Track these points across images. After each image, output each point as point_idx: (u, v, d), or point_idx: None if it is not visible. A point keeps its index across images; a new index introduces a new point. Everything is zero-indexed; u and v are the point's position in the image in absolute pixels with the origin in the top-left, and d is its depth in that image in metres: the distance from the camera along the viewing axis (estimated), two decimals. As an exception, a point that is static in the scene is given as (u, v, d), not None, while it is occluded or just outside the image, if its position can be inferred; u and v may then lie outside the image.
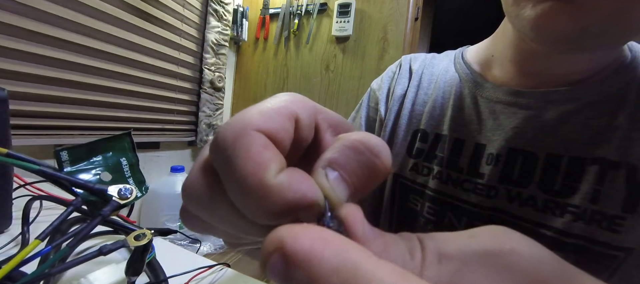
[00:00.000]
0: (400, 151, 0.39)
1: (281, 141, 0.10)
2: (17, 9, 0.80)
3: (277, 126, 0.10)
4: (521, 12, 0.26)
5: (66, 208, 0.25)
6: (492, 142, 0.32)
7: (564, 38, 0.24)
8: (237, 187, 0.10)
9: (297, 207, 0.09)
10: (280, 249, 0.07)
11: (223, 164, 0.10)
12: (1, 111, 0.33)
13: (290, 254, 0.07)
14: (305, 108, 0.12)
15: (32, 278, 0.23)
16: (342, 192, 0.10)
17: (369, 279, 0.07)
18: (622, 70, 0.29)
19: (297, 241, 0.07)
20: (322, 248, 0.07)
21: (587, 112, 0.28)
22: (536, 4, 0.24)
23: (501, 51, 0.34)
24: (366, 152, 0.10)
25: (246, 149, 0.09)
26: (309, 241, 0.07)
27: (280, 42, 1.59)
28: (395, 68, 0.45)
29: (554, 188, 0.29)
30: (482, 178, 0.32)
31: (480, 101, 0.34)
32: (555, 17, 0.23)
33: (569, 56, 0.29)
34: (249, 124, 0.10)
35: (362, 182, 0.10)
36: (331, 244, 0.07)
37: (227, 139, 0.10)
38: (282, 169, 0.10)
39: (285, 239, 0.07)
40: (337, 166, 0.10)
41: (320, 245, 0.07)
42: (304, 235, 0.07)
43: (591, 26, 0.23)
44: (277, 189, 0.09)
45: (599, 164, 0.27)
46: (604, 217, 0.26)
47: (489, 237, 0.10)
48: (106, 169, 0.34)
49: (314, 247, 0.07)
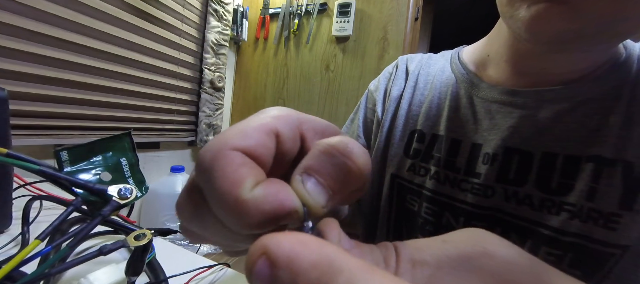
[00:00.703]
0: (398, 152, 0.39)
1: (260, 156, 0.11)
2: (17, 9, 0.80)
3: (254, 143, 0.11)
4: (516, 13, 0.26)
5: (66, 208, 0.25)
6: (488, 142, 0.33)
7: (558, 39, 0.25)
8: (217, 204, 0.10)
9: (276, 216, 0.10)
10: (264, 254, 0.08)
11: (204, 183, 0.11)
12: (1, 111, 0.33)
13: (274, 257, 0.08)
14: (287, 122, 0.12)
15: (32, 278, 0.23)
16: (319, 196, 0.11)
17: (342, 269, 0.07)
18: (617, 68, 0.29)
19: (280, 245, 0.08)
20: (302, 249, 0.08)
21: (582, 110, 0.28)
22: (531, 5, 0.24)
23: (496, 51, 0.35)
24: (338, 155, 0.11)
25: (222, 169, 0.10)
26: (289, 244, 0.08)
27: (280, 42, 1.59)
28: (391, 69, 0.45)
29: (550, 187, 0.29)
30: (479, 178, 0.32)
31: (476, 101, 0.35)
32: (550, 18, 0.23)
33: (564, 56, 0.29)
34: (225, 144, 0.10)
35: (339, 185, 0.11)
36: (310, 245, 0.08)
37: (206, 160, 0.10)
38: (259, 183, 0.10)
39: (268, 245, 0.08)
40: (313, 171, 0.11)
41: (300, 246, 0.08)
42: (285, 240, 0.08)
43: (586, 27, 0.23)
44: (253, 204, 0.10)
45: (595, 162, 0.27)
46: (601, 215, 0.26)
47: (462, 241, 0.10)
48: (106, 169, 0.34)
49: (295, 248, 0.08)
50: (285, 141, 0.12)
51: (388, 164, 0.40)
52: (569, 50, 0.27)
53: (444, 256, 0.10)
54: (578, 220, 0.27)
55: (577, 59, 0.29)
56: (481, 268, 0.10)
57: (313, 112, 1.55)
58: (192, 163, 1.58)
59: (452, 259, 0.10)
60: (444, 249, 0.10)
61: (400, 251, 0.10)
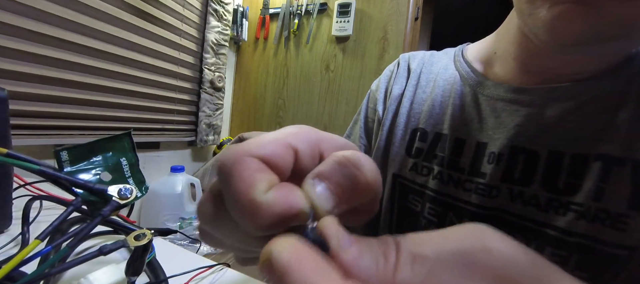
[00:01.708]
0: (399, 151, 0.39)
1: (275, 164, 0.12)
2: (17, 9, 0.80)
3: (270, 152, 0.12)
4: (536, 11, 0.25)
5: (66, 208, 0.25)
6: (493, 140, 0.32)
7: (577, 41, 0.24)
8: (233, 205, 0.11)
9: (286, 217, 0.11)
10: (268, 261, 0.09)
11: (223, 185, 0.12)
12: (1, 111, 0.33)
13: (274, 266, 0.09)
14: (306, 140, 0.13)
15: (32, 278, 0.22)
16: (326, 200, 0.12)
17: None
18: (626, 65, 0.28)
19: (280, 255, 0.09)
20: (297, 265, 0.09)
21: (589, 108, 0.28)
22: (553, 5, 0.23)
23: (505, 48, 0.34)
24: (349, 165, 0.12)
25: (239, 172, 0.11)
26: (286, 257, 0.09)
27: (280, 42, 1.59)
28: (393, 67, 0.45)
29: (557, 186, 0.28)
30: (484, 178, 0.32)
31: (481, 99, 0.34)
32: (572, 19, 0.23)
33: (576, 57, 0.28)
34: (245, 152, 0.12)
35: (346, 193, 0.12)
36: (304, 262, 0.09)
37: (226, 165, 0.12)
38: (272, 186, 0.11)
39: (271, 252, 0.10)
40: (324, 177, 0.12)
41: (295, 262, 0.09)
42: (285, 251, 0.09)
43: (607, 30, 0.22)
44: (265, 205, 0.11)
45: (603, 161, 0.26)
46: (608, 215, 0.26)
47: (463, 236, 0.10)
48: (106, 169, 0.34)
49: (291, 263, 0.09)
50: (303, 157, 0.13)
51: (389, 164, 0.40)
52: (584, 52, 0.26)
53: (445, 251, 0.10)
54: (585, 221, 0.27)
55: (589, 60, 0.28)
56: (480, 264, 0.10)
57: (313, 112, 1.55)
58: (192, 163, 1.58)
59: (452, 254, 0.10)
60: (444, 244, 0.10)
61: (400, 246, 0.10)
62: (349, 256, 0.10)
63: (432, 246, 0.10)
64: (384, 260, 0.10)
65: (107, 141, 0.35)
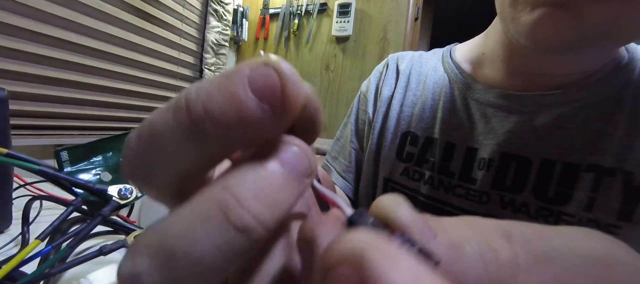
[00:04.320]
0: (390, 155, 0.38)
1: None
2: (17, 9, 0.80)
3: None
4: (518, 16, 0.25)
5: (66, 208, 0.25)
6: (484, 146, 0.32)
7: (559, 46, 0.24)
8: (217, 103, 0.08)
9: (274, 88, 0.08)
10: (359, 267, 0.06)
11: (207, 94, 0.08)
12: (1, 111, 0.33)
13: (366, 271, 0.06)
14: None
15: (32, 278, 0.22)
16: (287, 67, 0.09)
17: None
18: (618, 72, 0.28)
19: (391, 270, 0.06)
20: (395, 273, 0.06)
21: (582, 116, 0.28)
22: (533, 8, 0.23)
23: (493, 49, 0.33)
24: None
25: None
26: (402, 276, 0.06)
27: (280, 42, 1.59)
28: (382, 68, 0.44)
29: (548, 195, 0.28)
30: (474, 184, 0.31)
31: (471, 103, 0.34)
32: (552, 24, 0.23)
33: (562, 58, 0.28)
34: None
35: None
36: (402, 269, 0.06)
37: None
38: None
39: (365, 255, 0.06)
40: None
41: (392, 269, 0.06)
42: (397, 266, 0.06)
43: (588, 32, 0.22)
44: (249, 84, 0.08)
45: (594, 171, 0.26)
46: (598, 226, 0.26)
47: (592, 240, 0.08)
48: (106, 169, 0.34)
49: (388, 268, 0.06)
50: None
51: (380, 168, 0.39)
52: (568, 54, 0.26)
53: (573, 254, 0.08)
54: None
55: (576, 61, 0.28)
56: (616, 280, 0.07)
57: (313, 112, 1.55)
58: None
59: (585, 259, 0.08)
60: (570, 247, 0.08)
61: (513, 237, 0.08)
62: (444, 251, 0.08)
63: (555, 247, 0.08)
64: (493, 255, 0.08)
65: (107, 141, 0.35)
